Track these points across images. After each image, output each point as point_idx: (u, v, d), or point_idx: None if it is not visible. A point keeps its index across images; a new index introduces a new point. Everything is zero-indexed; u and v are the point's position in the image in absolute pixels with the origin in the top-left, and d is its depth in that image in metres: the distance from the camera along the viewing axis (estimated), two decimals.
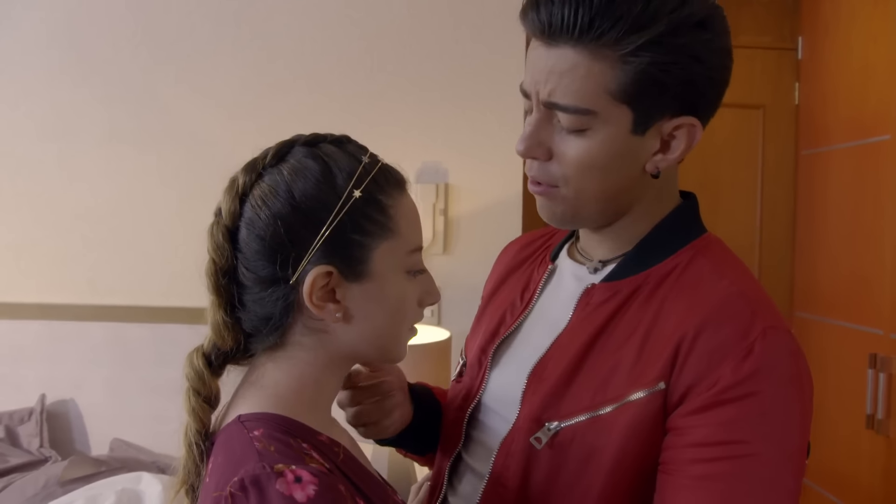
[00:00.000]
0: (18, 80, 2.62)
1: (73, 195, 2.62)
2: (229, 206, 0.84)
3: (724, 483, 0.81)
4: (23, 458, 2.34)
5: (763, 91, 2.96)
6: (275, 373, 0.86)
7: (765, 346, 0.83)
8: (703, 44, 0.86)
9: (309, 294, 0.82)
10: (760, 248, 2.97)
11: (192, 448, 0.84)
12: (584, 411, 0.90)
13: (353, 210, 0.82)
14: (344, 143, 0.88)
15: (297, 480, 0.72)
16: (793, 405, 0.84)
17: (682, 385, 0.85)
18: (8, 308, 2.61)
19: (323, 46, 2.59)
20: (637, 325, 0.91)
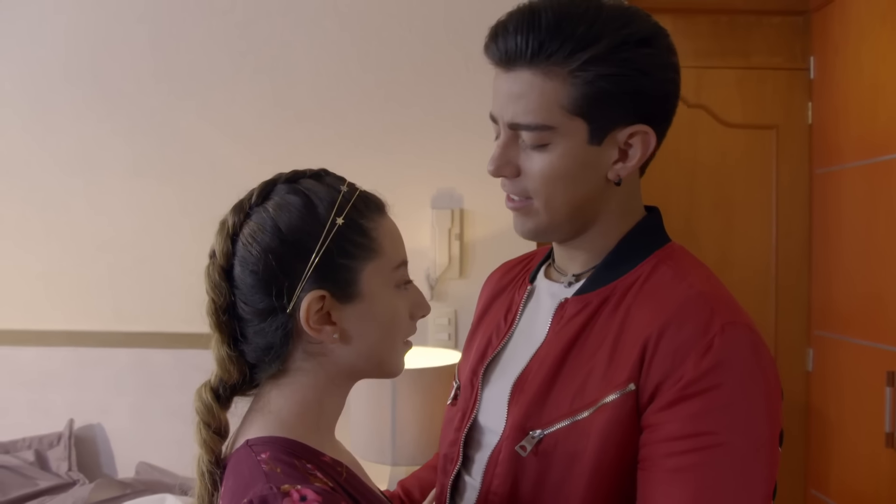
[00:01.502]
0: (45, 116, 2.70)
1: (98, 226, 2.69)
2: (222, 247, 0.89)
3: (697, 473, 0.85)
4: (52, 481, 2.39)
5: (776, 111, 2.97)
6: (279, 399, 0.91)
7: (724, 340, 0.88)
8: (646, 58, 0.94)
9: (306, 319, 0.87)
10: (777, 268, 2.97)
11: (205, 477, 0.89)
12: (564, 418, 0.95)
13: (337, 236, 0.88)
14: (322, 176, 0.94)
15: (302, 499, 0.76)
16: (756, 395, 0.88)
17: (651, 384, 0.90)
18: (36, 335, 2.67)
19: (338, 79, 2.65)
20: (607, 332, 0.96)
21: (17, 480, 2.37)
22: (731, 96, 2.97)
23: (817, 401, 2.89)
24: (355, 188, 0.93)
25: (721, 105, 2.97)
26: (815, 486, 2.87)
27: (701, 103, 2.96)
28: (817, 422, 2.89)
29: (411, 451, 2.06)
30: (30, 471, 2.43)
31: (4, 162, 2.71)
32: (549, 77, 0.93)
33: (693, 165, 2.97)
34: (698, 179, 2.97)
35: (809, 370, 2.93)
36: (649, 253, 1.01)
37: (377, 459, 2.08)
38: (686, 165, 2.97)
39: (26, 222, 2.70)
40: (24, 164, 2.71)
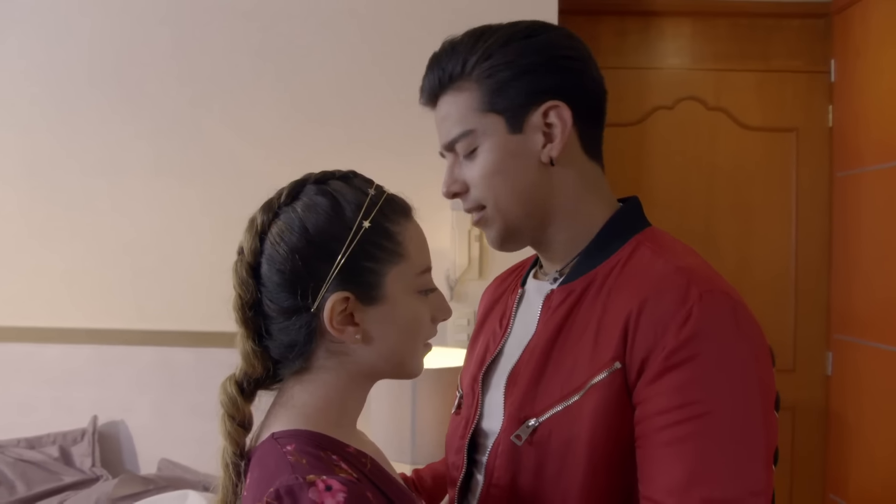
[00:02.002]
0: (70, 119, 2.75)
1: (121, 226, 2.73)
2: (250, 244, 0.91)
3: (690, 444, 0.86)
4: (76, 477, 2.43)
5: (796, 114, 2.96)
6: (302, 394, 0.92)
7: (702, 309, 0.89)
8: (535, 43, 1.02)
9: (329, 319, 0.88)
10: (796, 272, 2.96)
11: (229, 468, 0.90)
12: (556, 404, 0.96)
13: (363, 239, 0.89)
14: (350, 178, 0.95)
15: (327, 489, 0.78)
16: (740, 360, 0.89)
17: (636, 360, 0.91)
18: (60, 333, 2.72)
19: (358, 82, 2.67)
20: (591, 316, 0.98)
21: (42, 475, 2.41)
22: (751, 99, 2.97)
23: (836, 405, 2.88)
24: (383, 191, 0.94)
25: (740, 108, 2.96)
26: (834, 491, 2.86)
27: (720, 106, 2.96)
28: (836, 426, 2.87)
29: (431, 450, 2.07)
30: (54, 466, 2.47)
31: (30, 163, 2.75)
32: (459, 91, 1.02)
33: (712, 169, 2.97)
34: (717, 183, 2.97)
35: (829, 374, 2.92)
36: (629, 237, 1.03)
37: (397, 458, 2.10)
38: (705, 168, 2.97)
39: (51, 222, 2.75)
40: (49, 166, 2.75)
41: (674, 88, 2.98)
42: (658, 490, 0.87)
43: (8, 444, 2.55)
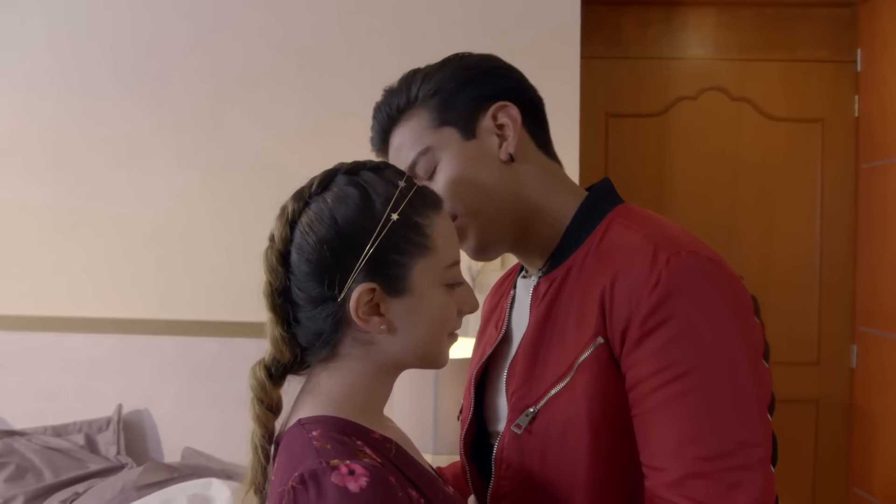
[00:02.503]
0: (94, 111, 2.77)
1: (146, 217, 2.76)
2: (281, 232, 0.92)
3: (679, 404, 0.87)
4: (101, 465, 2.46)
5: (821, 104, 2.93)
6: (329, 381, 0.94)
7: (670, 272, 0.90)
8: (466, 61, 1.10)
9: (355, 310, 0.89)
10: (821, 265, 2.93)
11: (258, 451, 0.92)
12: (550, 388, 0.98)
13: (391, 232, 0.90)
14: (382, 169, 0.95)
15: (350, 473, 0.79)
16: (715, 315, 0.89)
17: (617, 332, 0.92)
18: (85, 323, 2.74)
19: (381, 73, 2.62)
20: (572, 299, 0.99)
21: (69, 463, 2.45)
22: (776, 90, 2.94)
23: (861, 398, 2.85)
24: (413, 184, 0.94)
25: (765, 98, 2.94)
26: (858, 485, 2.84)
27: (744, 96, 2.93)
28: (860, 419, 2.85)
29: (453, 440, 2.08)
30: (80, 454, 2.51)
31: (55, 155, 2.78)
32: (409, 119, 1.07)
33: (735, 160, 2.94)
34: (741, 174, 2.94)
35: (853, 367, 2.90)
36: (602, 217, 1.04)
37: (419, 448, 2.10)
38: (728, 160, 2.94)
39: (75, 214, 2.77)
40: (73, 158, 2.78)
41: (697, 79, 2.96)
42: (653, 456, 0.89)
43: (35, 432, 2.59)
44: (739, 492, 0.84)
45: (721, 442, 0.85)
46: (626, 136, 2.96)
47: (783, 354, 2.91)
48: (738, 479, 0.85)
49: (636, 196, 2.94)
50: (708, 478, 0.85)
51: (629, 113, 2.97)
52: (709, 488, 0.85)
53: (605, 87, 2.95)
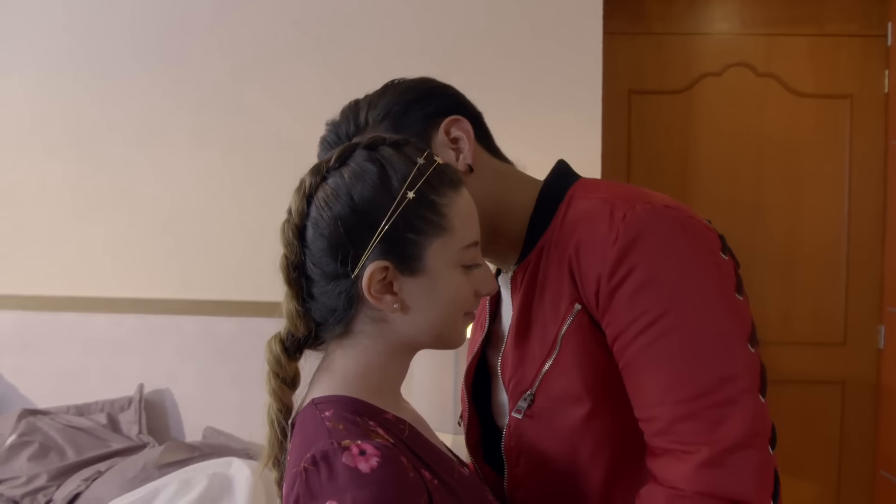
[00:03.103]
0: (113, 90, 2.77)
1: (166, 196, 2.75)
2: (298, 206, 0.91)
3: (655, 350, 0.89)
4: (123, 444, 2.48)
5: (850, 80, 2.87)
6: (343, 359, 0.94)
7: (627, 224, 0.92)
8: (404, 84, 1.11)
9: (368, 287, 0.89)
10: (848, 244, 2.88)
11: (274, 425, 0.93)
12: (541, 366, 0.99)
13: (406, 210, 0.88)
14: (402, 145, 0.93)
15: (361, 454, 0.79)
16: (677, 257, 0.91)
17: (590, 294, 0.94)
18: (106, 303, 2.75)
19: (400, 51, 2.64)
20: (547, 276, 1.01)
21: (91, 441, 2.46)
22: (803, 65, 2.87)
23: (888, 379, 2.81)
24: (433, 161, 0.93)
25: (792, 74, 2.87)
26: (886, 468, 2.80)
27: (771, 72, 2.88)
28: (888, 401, 2.81)
29: None
30: (102, 433, 2.52)
31: (75, 135, 2.78)
32: None
33: (761, 137, 2.89)
34: (767, 152, 2.89)
35: (880, 348, 2.85)
36: (563, 196, 1.05)
37: (439, 428, 2.08)
38: (754, 137, 2.89)
39: (95, 194, 2.78)
40: (93, 137, 2.77)
41: (722, 54, 2.90)
42: (643, 407, 0.91)
43: (58, 411, 2.61)
44: (724, 426, 0.85)
45: (702, 380, 0.87)
46: (650, 113, 2.91)
47: (809, 335, 2.88)
48: (722, 414, 0.85)
49: (659, 174, 2.92)
50: (693, 418, 0.86)
51: (652, 90, 2.92)
52: (694, 428, 0.86)
53: (628, 63, 2.90)
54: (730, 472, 0.85)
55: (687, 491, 0.85)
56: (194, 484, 1.92)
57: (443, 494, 0.86)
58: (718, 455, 0.84)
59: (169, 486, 1.92)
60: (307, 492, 0.80)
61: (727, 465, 0.85)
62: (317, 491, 0.79)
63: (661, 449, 0.89)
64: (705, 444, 0.85)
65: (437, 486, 0.87)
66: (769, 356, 2.83)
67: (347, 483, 0.78)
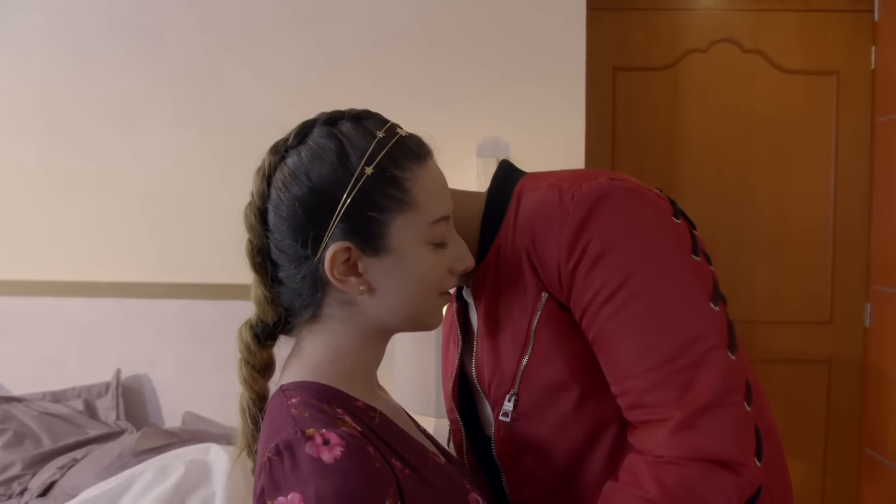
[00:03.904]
0: (89, 68, 2.69)
1: (142, 177, 2.69)
2: (258, 188, 0.89)
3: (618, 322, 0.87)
4: (101, 430, 2.43)
5: (837, 56, 2.84)
6: (312, 344, 0.91)
7: (576, 204, 0.91)
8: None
9: (330, 269, 0.86)
10: (835, 221, 2.87)
11: (246, 414, 0.91)
12: (519, 363, 0.97)
13: (366, 187, 0.85)
14: (362, 118, 0.90)
15: (325, 443, 0.78)
16: (628, 227, 0.90)
17: (553, 280, 0.93)
18: (83, 286, 2.70)
19: (383, 24, 2.59)
20: (507, 273, 0.99)
21: (68, 428, 2.42)
22: (790, 41, 2.84)
23: (874, 358, 2.80)
24: (395, 133, 0.89)
25: (779, 50, 2.84)
26: (871, 446, 2.80)
27: (758, 48, 2.84)
28: (874, 379, 2.80)
29: None
30: (79, 419, 2.48)
31: (49, 114, 2.71)
32: None
33: (748, 114, 2.86)
34: (754, 129, 2.86)
35: (867, 326, 2.84)
36: (511, 194, 1.02)
37: (421, 411, 2.07)
38: (741, 114, 2.86)
39: (70, 174, 2.71)
40: (68, 117, 2.71)
41: (708, 30, 2.87)
42: (614, 382, 0.90)
43: (34, 398, 2.56)
44: (693, 389, 0.83)
45: (667, 346, 0.85)
46: (635, 90, 2.87)
47: (796, 313, 2.87)
48: (691, 376, 0.84)
49: (645, 152, 2.88)
50: (662, 386, 0.84)
51: (638, 66, 2.88)
52: (665, 395, 0.84)
53: (612, 39, 2.86)
54: (705, 433, 0.83)
55: (666, 457, 0.83)
56: (171, 471, 1.88)
57: (414, 484, 0.84)
58: (690, 416, 0.83)
59: (145, 473, 1.88)
60: (271, 483, 0.78)
61: (701, 425, 0.83)
62: (280, 482, 0.77)
63: (639, 422, 0.87)
64: (677, 409, 0.83)
65: (409, 475, 0.84)
66: (757, 336, 2.82)
67: (310, 474, 0.76)
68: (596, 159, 2.73)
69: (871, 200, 2.84)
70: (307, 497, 0.75)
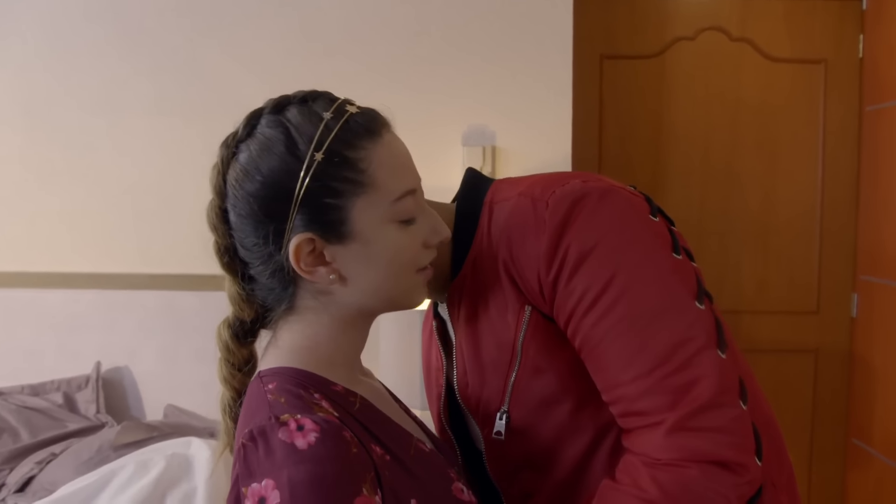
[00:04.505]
0: (67, 55, 2.65)
1: (122, 167, 2.65)
2: (215, 186, 0.88)
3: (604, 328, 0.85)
4: (81, 424, 2.40)
5: (825, 44, 2.82)
6: (290, 334, 0.89)
7: (551, 212, 0.88)
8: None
9: (296, 262, 0.84)
10: (822, 211, 2.85)
11: (226, 413, 0.90)
12: (507, 379, 0.94)
13: (318, 174, 0.82)
14: (309, 101, 0.87)
15: (299, 429, 0.76)
16: (606, 230, 0.87)
17: (535, 293, 0.90)
18: (63, 278, 2.66)
19: (367, 10, 2.55)
20: (485, 287, 0.96)
21: (47, 422, 2.38)
22: (778, 29, 2.82)
23: (861, 348, 2.80)
24: (343, 111, 0.86)
25: (766, 38, 2.82)
26: (857, 436, 2.80)
27: (745, 36, 2.82)
28: (860, 369, 2.80)
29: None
30: (59, 413, 2.44)
31: (26, 102, 2.66)
32: None
33: (736, 103, 2.84)
34: (741, 117, 2.84)
35: (854, 316, 2.83)
36: (481, 205, 0.99)
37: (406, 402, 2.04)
38: (728, 103, 2.84)
39: (49, 163, 2.67)
40: (46, 105, 2.66)
41: (695, 18, 2.84)
42: (604, 391, 0.88)
43: (12, 391, 2.52)
44: (686, 393, 0.81)
45: (655, 350, 0.83)
46: (622, 78, 2.84)
47: (783, 303, 2.86)
48: (682, 380, 0.82)
49: (632, 141, 2.86)
50: (652, 392, 0.82)
51: (625, 54, 2.85)
52: (656, 401, 0.82)
53: (599, 27, 2.83)
54: (701, 434, 0.81)
55: (663, 459, 0.81)
56: (151, 466, 1.85)
57: (394, 471, 0.82)
58: (685, 418, 0.81)
59: (125, 468, 1.85)
60: (245, 469, 0.76)
61: (696, 427, 0.81)
62: (254, 468, 0.75)
63: (630, 429, 0.86)
64: (669, 412, 0.81)
65: (389, 461, 0.82)
66: (744, 326, 2.81)
67: (284, 460, 0.74)
68: (582, 147, 2.70)
69: (858, 190, 2.83)
70: (280, 483, 0.73)
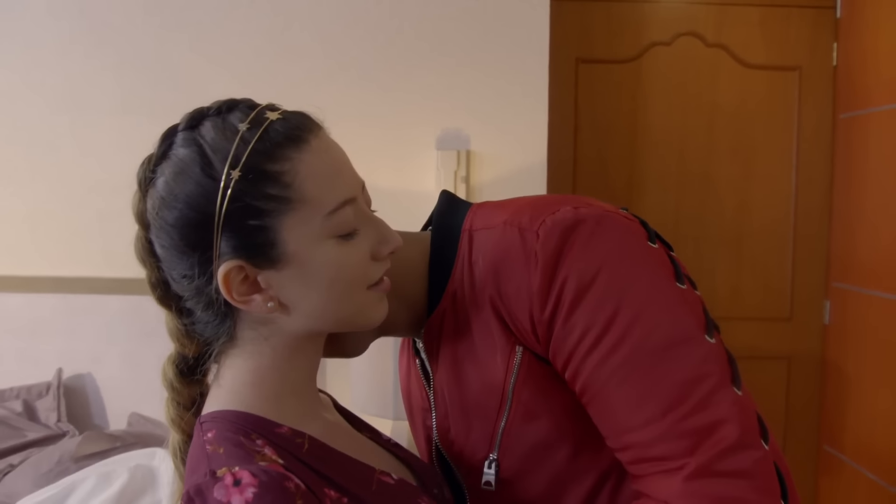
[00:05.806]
0: (30, 51, 2.57)
1: (87, 167, 2.58)
2: (138, 215, 0.80)
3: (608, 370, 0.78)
4: (41, 433, 2.32)
5: (799, 52, 2.83)
6: (230, 370, 0.82)
7: (542, 243, 0.82)
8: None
9: (227, 293, 0.77)
10: (795, 217, 2.86)
11: (177, 457, 0.84)
12: (496, 424, 0.88)
13: (237, 194, 0.74)
14: (224, 112, 0.79)
15: (235, 484, 0.70)
16: (605, 260, 0.81)
17: (528, 333, 0.84)
18: (24, 282, 2.58)
19: (339, 10, 2.51)
20: (469, 325, 0.89)
21: (5, 431, 2.30)
22: (753, 36, 2.82)
23: (833, 355, 2.80)
24: (262, 121, 0.77)
25: (742, 45, 2.82)
26: (829, 443, 2.80)
27: (721, 43, 2.82)
28: (832, 376, 2.80)
29: None
30: (18, 422, 2.36)
31: None
32: None
33: (711, 108, 2.84)
34: (717, 123, 2.84)
35: (826, 323, 2.84)
36: (459, 232, 0.91)
37: (378, 413, 2.00)
38: (704, 108, 2.84)
39: (10, 162, 2.59)
40: (7, 102, 2.58)
41: (672, 23, 2.84)
42: (611, 437, 0.82)
43: None
44: (706, 436, 0.75)
45: (666, 392, 0.77)
46: (598, 82, 2.83)
47: (756, 310, 2.86)
48: (699, 423, 0.76)
49: (608, 145, 2.84)
50: (668, 438, 0.76)
51: (601, 59, 2.83)
52: (672, 447, 0.76)
53: (575, 31, 2.81)
54: (724, 480, 0.75)
55: None
56: (114, 478, 1.78)
57: None
58: (706, 464, 0.75)
59: (86, 480, 1.78)
60: None
61: (719, 472, 0.75)
62: None
63: (644, 477, 0.79)
64: (690, 457, 0.75)
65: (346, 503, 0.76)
66: None
67: None
68: (558, 152, 2.68)
69: (831, 197, 2.84)
70: None
